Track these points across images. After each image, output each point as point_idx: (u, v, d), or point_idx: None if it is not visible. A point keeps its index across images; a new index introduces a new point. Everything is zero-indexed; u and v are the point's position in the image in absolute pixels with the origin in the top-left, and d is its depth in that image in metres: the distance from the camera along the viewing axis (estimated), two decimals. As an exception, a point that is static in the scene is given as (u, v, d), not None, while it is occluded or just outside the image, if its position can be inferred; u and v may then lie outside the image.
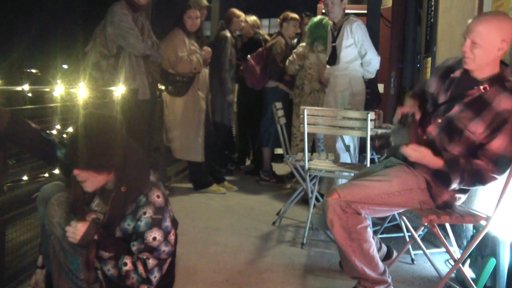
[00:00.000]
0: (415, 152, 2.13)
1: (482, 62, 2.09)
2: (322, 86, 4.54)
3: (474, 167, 2.07)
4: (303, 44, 4.65)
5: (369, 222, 2.21)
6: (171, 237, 1.86)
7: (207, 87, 4.43)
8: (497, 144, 2.05)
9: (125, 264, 1.77)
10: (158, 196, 1.82)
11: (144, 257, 1.79)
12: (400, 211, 2.29)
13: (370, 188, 2.17)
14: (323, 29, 4.47)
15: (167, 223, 1.84)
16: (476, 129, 2.09)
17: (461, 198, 2.27)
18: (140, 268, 1.77)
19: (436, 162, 2.11)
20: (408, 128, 2.19)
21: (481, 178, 2.09)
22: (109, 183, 1.83)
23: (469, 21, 2.13)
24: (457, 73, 2.22)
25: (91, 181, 1.78)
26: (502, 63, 2.16)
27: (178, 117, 4.24)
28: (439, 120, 2.19)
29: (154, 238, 1.79)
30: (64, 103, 2.51)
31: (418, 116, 2.25)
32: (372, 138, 2.23)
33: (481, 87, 2.11)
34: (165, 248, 1.82)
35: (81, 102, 2.55)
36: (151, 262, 1.79)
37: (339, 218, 2.14)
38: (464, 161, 2.08)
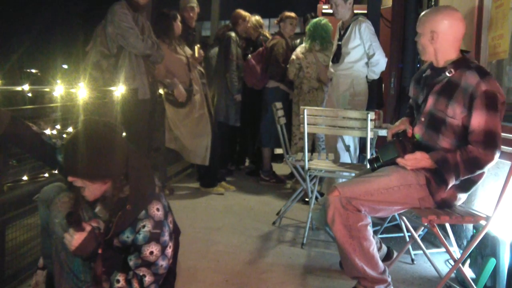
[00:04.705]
0: (411, 160, 2.17)
1: (443, 49, 2.23)
2: (320, 84, 4.55)
3: (470, 155, 2.09)
4: (302, 45, 4.66)
5: (369, 220, 2.21)
6: (168, 251, 1.83)
7: (202, 86, 4.41)
8: (476, 121, 2.09)
9: (118, 281, 1.74)
10: (157, 209, 1.80)
11: (141, 273, 1.76)
12: (400, 211, 2.29)
13: (370, 183, 2.19)
14: (322, 30, 4.50)
15: (166, 237, 1.81)
16: (454, 112, 2.14)
17: (462, 198, 2.27)
18: (136, 286, 1.74)
19: (432, 163, 2.15)
20: (398, 142, 2.22)
21: (478, 164, 2.09)
22: (108, 191, 1.81)
23: (421, 16, 2.30)
24: (428, 72, 2.35)
25: (88, 189, 1.76)
26: (463, 51, 2.27)
27: (182, 126, 4.26)
28: (422, 119, 2.27)
29: (151, 253, 1.77)
30: (64, 103, 2.51)
31: (410, 132, 2.32)
32: (369, 161, 2.33)
33: (447, 72, 2.21)
34: (162, 263, 1.80)
35: (81, 102, 2.55)
36: (147, 279, 1.77)
37: (339, 215, 2.15)
38: (453, 155, 2.11)
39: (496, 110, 2.08)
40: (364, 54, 3.82)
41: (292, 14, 5.00)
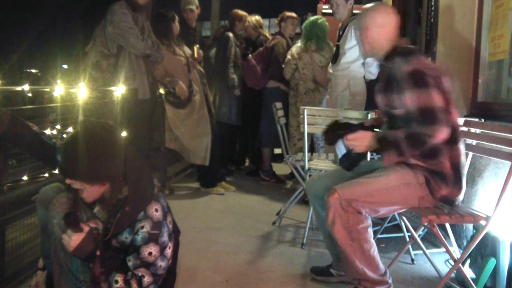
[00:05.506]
0: (355, 139, 2.22)
1: (378, 44, 2.31)
2: (316, 85, 4.54)
3: (411, 131, 2.08)
4: (298, 44, 4.65)
5: (370, 222, 2.21)
6: (167, 251, 1.82)
7: (201, 85, 4.41)
8: (409, 102, 2.10)
9: (116, 281, 1.73)
10: (156, 210, 1.79)
11: (140, 274, 1.76)
12: (400, 210, 2.29)
13: (369, 185, 2.18)
14: (318, 29, 4.49)
15: (164, 238, 1.80)
16: (397, 102, 2.18)
17: (461, 193, 2.24)
18: (134, 286, 1.74)
19: (375, 142, 2.19)
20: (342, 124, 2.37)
21: (421, 139, 2.07)
22: (107, 193, 1.81)
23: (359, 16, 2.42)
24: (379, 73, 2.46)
25: (86, 191, 1.76)
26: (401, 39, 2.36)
27: (182, 126, 4.26)
28: (384, 119, 2.38)
29: (150, 253, 1.76)
30: (64, 103, 2.51)
31: (367, 123, 2.47)
32: (340, 160, 2.37)
33: (385, 66, 2.30)
34: (161, 263, 1.80)
35: (81, 102, 2.55)
36: (146, 279, 1.76)
37: (340, 217, 2.14)
38: (395, 132, 2.13)
39: (425, 86, 2.07)
40: (360, 55, 3.81)
41: (293, 14, 5.01)
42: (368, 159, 3.02)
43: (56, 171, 2.02)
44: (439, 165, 2.15)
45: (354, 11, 3.98)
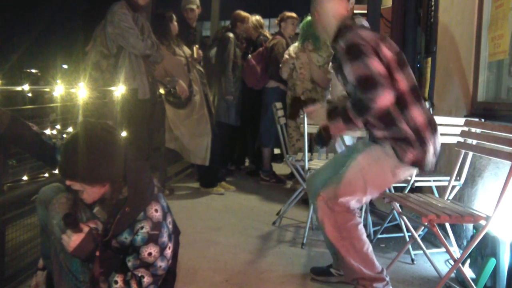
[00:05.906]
0: (311, 113, 2.30)
1: (327, 26, 2.33)
2: (314, 85, 4.53)
3: (356, 99, 2.12)
4: (295, 44, 4.65)
5: (359, 220, 2.23)
6: (167, 252, 1.82)
7: (201, 85, 4.42)
8: (349, 75, 2.14)
9: (116, 282, 1.73)
10: (156, 210, 1.78)
11: (140, 274, 1.75)
12: (384, 188, 2.32)
13: (344, 175, 2.22)
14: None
15: (164, 238, 1.80)
16: (346, 80, 2.22)
17: (430, 156, 2.22)
18: (134, 286, 1.74)
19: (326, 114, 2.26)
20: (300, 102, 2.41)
21: (364, 105, 2.08)
22: (107, 194, 1.80)
23: None
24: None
25: (86, 192, 1.76)
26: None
27: (183, 126, 4.26)
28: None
29: (150, 254, 1.76)
30: (64, 103, 2.51)
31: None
32: (316, 142, 2.41)
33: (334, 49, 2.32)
34: (161, 264, 1.79)
35: (81, 102, 2.55)
36: (146, 280, 1.76)
37: (328, 218, 2.18)
38: (343, 103, 2.18)
39: (360, 55, 2.09)
40: None
41: (293, 14, 5.01)
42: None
43: (56, 171, 2.02)
44: (400, 132, 2.16)
45: (356, 11, 3.98)
